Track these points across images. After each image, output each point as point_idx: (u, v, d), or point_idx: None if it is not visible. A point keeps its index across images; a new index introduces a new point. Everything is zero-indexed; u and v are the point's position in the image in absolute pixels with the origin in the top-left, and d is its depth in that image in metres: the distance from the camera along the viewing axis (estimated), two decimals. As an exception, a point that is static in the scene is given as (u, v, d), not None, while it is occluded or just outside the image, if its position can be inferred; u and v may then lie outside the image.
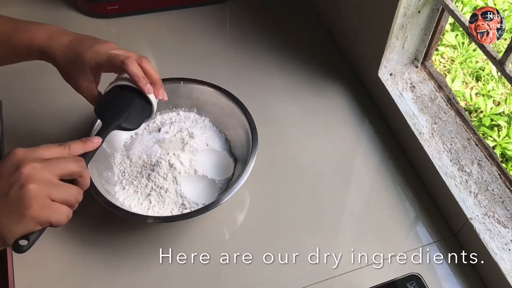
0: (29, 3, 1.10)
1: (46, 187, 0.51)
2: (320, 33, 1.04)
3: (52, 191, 0.52)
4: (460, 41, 1.71)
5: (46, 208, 0.51)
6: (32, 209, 0.50)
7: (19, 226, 0.50)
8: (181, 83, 0.84)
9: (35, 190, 0.50)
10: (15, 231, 0.50)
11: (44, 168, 0.52)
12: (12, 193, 0.50)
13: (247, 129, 0.78)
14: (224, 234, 0.78)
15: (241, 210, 0.80)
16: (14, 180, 0.50)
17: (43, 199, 0.51)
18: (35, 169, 0.51)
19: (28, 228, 0.51)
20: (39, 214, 0.50)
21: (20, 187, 0.50)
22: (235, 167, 0.80)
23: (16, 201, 0.50)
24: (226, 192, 0.71)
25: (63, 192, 0.53)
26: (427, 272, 0.70)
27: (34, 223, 0.51)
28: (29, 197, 0.50)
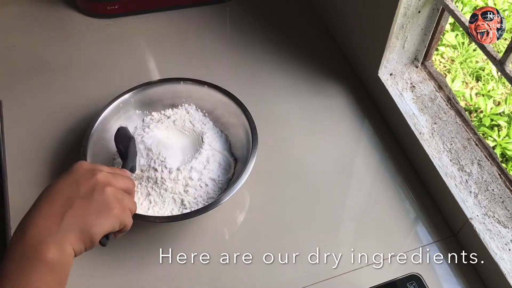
0: (29, 3, 1.10)
1: (119, 193, 0.57)
2: (320, 33, 1.04)
3: (124, 198, 0.57)
4: (460, 41, 1.71)
5: (124, 211, 0.56)
6: (116, 209, 0.55)
7: (106, 224, 0.54)
8: (181, 83, 0.84)
9: (114, 193, 0.55)
10: (103, 229, 0.53)
11: (113, 177, 0.57)
12: (96, 196, 0.54)
13: (247, 129, 0.78)
14: (224, 234, 0.78)
15: (241, 210, 0.80)
16: (93, 184, 0.54)
17: (121, 203, 0.56)
18: (107, 176, 0.56)
19: (113, 226, 0.55)
20: (121, 214, 0.55)
21: (101, 190, 0.54)
22: (235, 167, 0.80)
23: (102, 203, 0.54)
24: (226, 192, 0.71)
25: (130, 201, 0.58)
26: (427, 272, 0.70)
27: (117, 223, 0.55)
28: (111, 199, 0.55)
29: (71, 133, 0.88)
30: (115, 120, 0.82)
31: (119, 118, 0.83)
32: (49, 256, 0.48)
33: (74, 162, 0.57)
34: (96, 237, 0.53)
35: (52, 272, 0.49)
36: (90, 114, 0.90)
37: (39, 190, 0.80)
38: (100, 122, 0.79)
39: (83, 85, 0.96)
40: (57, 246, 0.49)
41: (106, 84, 0.95)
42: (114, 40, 1.04)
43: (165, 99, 0.85)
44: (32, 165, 0.84)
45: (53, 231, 0.50)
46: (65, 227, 0.51)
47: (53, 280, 0.49)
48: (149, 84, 0.84)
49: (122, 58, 1.00)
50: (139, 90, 0.84)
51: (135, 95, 0.83)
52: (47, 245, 0.49)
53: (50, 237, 0.49)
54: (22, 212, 0.78)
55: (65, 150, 0.86)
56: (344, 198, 0.81)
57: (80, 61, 1.00)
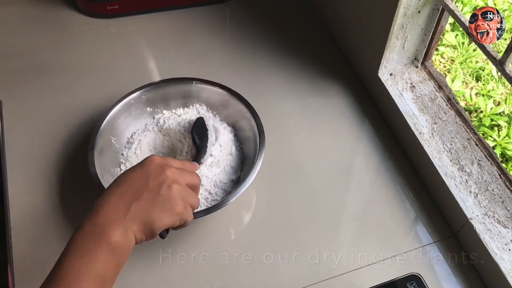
0: (29, 3, 1.10)
1: (184, 190, 0.59)
2: (320, 33, 1.04)
3: (188, 196, 0.60)
4: (460, 41, 1.71)
5: (186, 208, 0.59)
6: (179, 207, 0.58)
7: (168, 219, 0.57)
8: (193, 83, 0.85)
9: (179, 191, 0.58)
10: (164, 223, 0.57)
11: (181, 174, 0.60)
12: (163, 192, 0.57)
13: (255, 132, 0.79)
14: (230, 234, 0.78)
15: (246, 210, 0.80)
16: (162, 179, 0.58)
17: (185, 200, 0.59)
18: (176, 173, 0.59)
19: (173, 222, 0.58)
20: (183, 212, 0.58)
21: (168, 187, 0.57)
22: (242, 168, 0.80)
23: (167, 199, 0.57)
24: (232, 194, 0.72)
25: (193, 198, 0.61)
26: (427, 272, 0.70)
27: (178, 219, 0.58)
28: (176, 197, 0.58)
29: (71, 133, 0.88)
30: (125, 117, 0.82)
31: (130, 115, 0.83)
32: (114, 238, 0.53)
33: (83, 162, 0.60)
34: (157, 231, 0.56)
35: (114, 254, 0.53)
36: (90, 114, 0.90)
37: (39, 190, 0.81)
38: (110, 118, 0.80)
39: (83, 85, 0.96)
40: (122, 232, 0.53)
41: (106, 84, 0.95)
42: (114, 40, 1.04)
43: (177, 98, 0.86)
44: (32, 165, 0.84)
45: (120, 217, 0.54)
46: (131, 217, 0.54)
47: (113, 261, 0.53)
48: (161, 83, 0.85)
49: (122, 58, 1.00)
50: (151, 88, 0.84)
51: (146, 92, 0.84)
52: (113, 229, 0.53)
53: (117, 223, 0.54)
54: (22, 212, 0.78)
55: (65, 149, 0.86)
56: (344, 198, 0.81)
57: (80, 61, 1.00)
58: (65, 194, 0.80)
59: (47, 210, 0.78)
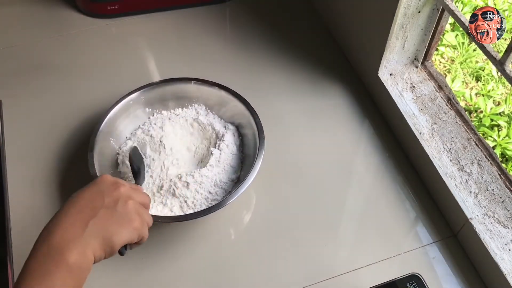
0: (29, 3, 1.10)
1: (140, 207, 0.60)
2: (320, 33, 1.04)
3: (143, 213, 0.60)
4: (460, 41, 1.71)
5: (143, 224, 0.59)
6: (137, 222, 0.58)
7: (127, 234, 0.56)
8: (192, 83, 0.85)
9: (135, 207, 0.58)
10: (123, 239, 0.56)
11: (134, 192, 0.60)
12: (119, 208, 0.57)
13: (254, 132, 0.79)
14: (230, 234, 0.78)
15: (247, 210, 0.80)
16: (117, 196, 0.57)
17: (141, 216, 0.59)
18: (129, 191, 0.60)
19: (132, 237, 0.57)
20: (140, 227, 0.58)
21: (124, 203, 0.57)
22: (242, 167, 0.80)
23: (124, 214, 0.57)
24: (232, 193, 0.72)
25: (147, 216, 0.61)
26: (427, 272, 0.70)
27: (136, 235, 0.58)
28: (132, 213, 0.58)
29: (71, 132, 0.88)
30: (124, 118, 0.82)
31: (129, 115, 0.83)
32: (72, 258, 0.51)
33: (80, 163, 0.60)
34: (116, 246, 0.55)
35: (72, 275, 0.51)
36: (90, 114, 0.90)
37: (39, 190, 0.81)
38: (109, 118, 0.80)
39: (83, 85, 0.96)
40: (79, 251, 0.52)
41: (106, 84, 0.95)
42: (114, 40, 1.04)
43: (175, 98, 0.86)
44: (32, 165, 0.84)
45: (77, 236, 0.53)
46: (89, 234, 0.53)
47: (73, 282, 0.51)
48: (160, 83, 0.85)
49: (122, 58, 1.00)
50: (150, 88, 0.84)
51: (145, 93, 0.84)
52: (71, 248, 0.51)
53: (74, 241, 0.52)
54: (22, 212, 0.78)
55: (65, 149, 0.86)
56: (344, 198, 0.81)
57: (80, 61, 1.00)
58: (65, 194, 0.80)
59: (47, 210, 0.78)
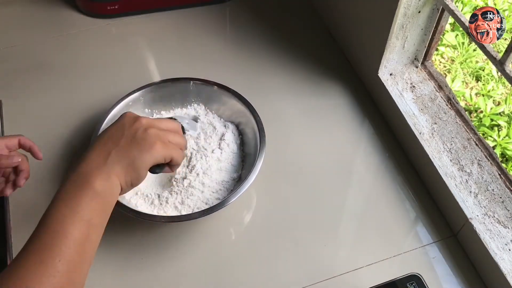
0: (29, 3, 1.10)
1: (163, 133, 0.63)
2: (320, 33, 1.04)
3: (169, 136, 0.64)
4: (460, 41, 1.71)
5: (167, 146, 0.62)
6: (157, 145, 0.61)
7: (149, 157, 0.60)
8: (191, 83, 0.85)
9: (156, 132, 0.62)
10: (146, 161, 0.60)
11: (157, 121, 0.64)
12: (138, 135, 0.61)
13: (255, 130, 0.79)
14: (231, 234, 0.78)
15: (247, 210, 0.80)
16: (137, 127, 0.61)
17: (164, 139, 0.62)
18: (152, 120, 0.63)
19: (156, 159, 0.61)
20: (163, 149, 0.61)
21: (143, 131, 0.61)
22: (243, 166, 0.80)
23: (143, 140, 0.60)
24: (234, 192, 0.71)
25: (176, 137, 0.65)
26: (427, 272, 0.70)
27: (162, 156, 0.62)
28: (152, 137, 0.61)
29: (71, 132, 0.88)
30: None
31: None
32: (97, 184, 0.55)
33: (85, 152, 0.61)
34: (141, 169, 0.59)
35: (98, 199, 0.55)
36: (90, 114, 0.90)
37: (39, 190, 0.80)
38: (109, 120, 0.80)
39: (83, 85, 0.96)
40: (104, 177, 0.57)
41: (106, 84, 0.95)
42: (114, 40, 1.04)
43: (175, 98, 0.86)
44: (32, 165, 0.84)
45: (100, 164, 0.57)
46: (111, 162, 0.58)
47: (98, 206, 0.55)
48: (159, 83, 0.85)
49: (122, 58, 1.00)
50: (149, 89, 0.84)
51: (145, 93, 0.84)
52: (96, 175, 0.56)
53: (98, 169, 0.57)
54: (22, 212, 0.78)
55: (65, 149, 0.86)
56: (344, 198, 0.81)
57: (80, 61, 1.00)
58: (65, 194, 0.80)
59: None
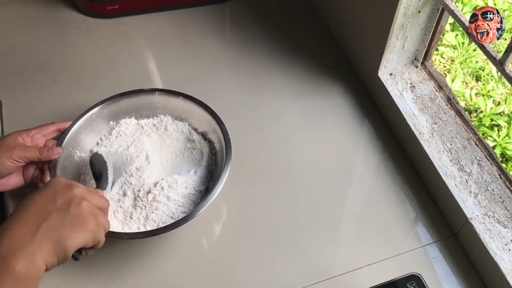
0: (29, 3, 1.10)
1: (97, 211, 0.58)
2: (320, 33, 1.04)
3: (99, 215, 0.58)
4: (460, 41, 1.71)
5: (98, 226, 0.57)
6: (92, 224, 0.56)
7: (81, 237, 0.55)
8: (156, 93, 0.83)
9: (90, 208, 0.56)
10: (77, 242, 0.54)
11: (89, 194, 0.59)
12: (72, 210, 0.55)
13: (221, 141, 0.77)
14: (232, 233, 0.78)
15: (248, 209, 0.80)
16: (70, 197, 0.56)
17: (96, 218, 0.57)
18: (84, 192, 0.58)
19: (87, 241, 0.56)
20: (95, 229, 0.56)
21: (77, 204, 0.55)
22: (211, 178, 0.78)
23: (78, 217, 0.55)
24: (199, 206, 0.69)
25: (104, 219, 0.59)
26: (427, 272, 0.70)
27: (92, 238, 0.56)
28: (86, 214, 0.56)
29: (71, 133, 0.88)
30: (88, 132, 0.80)
31: (92, 130, 0.81)
32: (18, 267, 0.49)
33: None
34: (70, 250, 0.53)
35: (19, 284, 0.49)
36: (90, 114, 0.90)
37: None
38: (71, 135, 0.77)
39: (83, 85, 0.96)
40: (27, 259, 0.50)
41: (106, 84, 0.95)
42: (114, 40, 1.04)
43: (140, 110, 0.84)
44: (32, 165, 0.84)
45: (26, 242, 0.50)
46: (39, 239, 0.51)
47: None
48: (122, 95, 0.82)
49: (122, 58, 1.00)
50: (112, 101, 0.82)
51: (108, 106, 0.81)
52: (17, 256, 0.49)
53: (22, 249, 0.50)
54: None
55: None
56: (344, 198, 0.81)
57: (80, 61, 1.00)
58: (65, 194, 0.80)
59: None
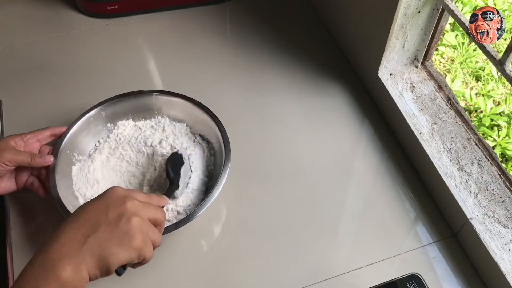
0: (29, 3, 1.10)
1: (145, 225, 0.57)
2: (320, 33, 1.04)
3: (150, 230, 0.57)
4: (460, 41, 1.71)
5: (146, 243, 0.56)
6: (138, 241, 0.55)
7: (125, 254, 0.54)
8: (154, 95, 0.83)
9: (139, 224, 0.56)
10: (121, 259, 0.54)
11: (143, 208, 0.58)
12: (122, 225, 0.54)
13: (220, 142, 0.77)
14: (233, 233, 0.78)
15: (248, 209, 0.80)
16: (121, 212, 0.55)
17: (145, 235, 0.56)
18: (137, 206, 0.57)
19: (131, 258, 0.55)
20: (142, 247, 0.55)
21: (127, 220, 0.55)
22: (211, 176, 0.78)
23: (125, 232, 0.54)
24: (200, 206, 0.70)
25: (155, 234, 0.58)
26: (427, 272, 0.70)
27: (136, 255, 0.55)
28: (135, 230, 0.55)
29: (71, 133, 0.88)
30: (85, 135, 0.80)
31: (90, 132, 0.81)
32: (64, 274, 0.50)
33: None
34: (113, 267, 0.54)
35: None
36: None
37: (39, 190, 0.80)
38: (69, 138, 0.77)
39: (83, 85, 0.96)
40: (73, 267, 0.51)
41: (106, 84, 0.95)
42: (114, 40, 1.04)
43: (138, 112, 0.84)
44: (32, 165, 0.84)
45: (74, 251, 0.52)
46: (86, 251, 0.52)
47: None
48: (119, 97, 0.82)
49: (122, 58, 1.00)
50: (110, 103, 0.82)
51: (105, 108, 0.81)
52: (65, 263, 0.51)
53: (69, 257, 0.51)
54: (22, 212, 0.78)
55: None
56: (344, 198, 0.81)
57: (80, 61, 1.00)
58: (65, 194, 0.80)
59: (47, 210, 0.78)
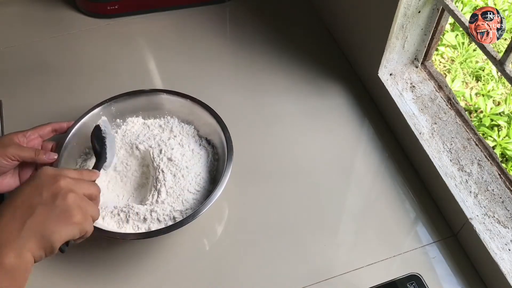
0: (29, 3, 1.10)
1: (82, 200, 0.57)
2: (320, 33, 1.04)
3: (87, 206, 0.58)
4: (460, 41, 1.71)
5: (85, 218, 0.57)
6: (78, 216, 0.55)
7: (67, 231, 0.55)
8: (164, 94, 0.83)
9: (76, 200, 0.56)
10: (63, 236, 0.54)
11: (77, 184, 0.58)
12: (58, 203, 0.55)
13: (224, 147, 0.77)
14: (234, 233, 0.78)
15: (248, 209, 0.80)
16: (56, 190, 0.55)
17: (84, 210, 0.57)
18: (70, 183, 0.57)
19: (73, 233, 0.56)
20: (82, 222, 0.56)
21: (63, 197, 0.55)
22: (215, 176, 0.78)
23: (63, 210, 0.55)
24: (202, 206, 0.70)
25: (93, 208, 0.59)
26: (427, 272, 0.70)
27: (78, 230, 0.56)
28: (73, 206, 0.55)
29: (71, 133, 0.88)
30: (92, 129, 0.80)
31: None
32: (7, 261, 0.50)
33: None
34: (56, 244, 0.54)
35: (10, 277, 0.50)
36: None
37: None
38: (76, 131, 0.77)
39: (83, 85, 0.96)
40: (16, 252, 0.51)
41: (106, 84, 0.95)
42: (114, 40, 1.04)
43: (148, 109, 0.84)
44: (32, 165, 0.84)
45: (13, 237, 0.51)
46: (26, 234, 0.52)
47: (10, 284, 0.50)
48: (130, 94, 0.82)
49: (122, 58, 1.01)
50: (120, 99, 0.82)
51: (115, 104, 0.81)
52: (6, 251, 0.51)
53: (9, 243, 0.51)
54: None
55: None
56: (344, 198, 0.81)
57: (80, 61, 1.00)
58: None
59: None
